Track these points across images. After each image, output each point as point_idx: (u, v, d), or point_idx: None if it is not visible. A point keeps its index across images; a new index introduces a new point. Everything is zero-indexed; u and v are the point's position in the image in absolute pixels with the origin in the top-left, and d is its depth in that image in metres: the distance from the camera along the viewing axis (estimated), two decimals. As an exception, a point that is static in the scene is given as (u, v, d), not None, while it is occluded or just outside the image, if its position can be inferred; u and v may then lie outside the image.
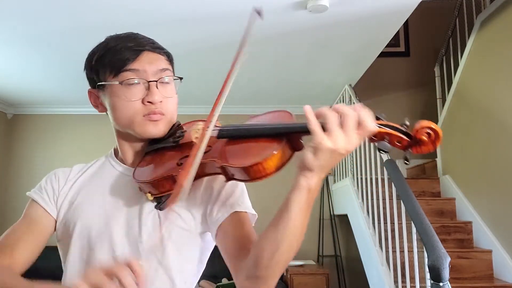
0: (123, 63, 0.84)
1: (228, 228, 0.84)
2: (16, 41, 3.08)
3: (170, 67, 0.91)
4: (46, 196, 0.94)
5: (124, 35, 0.90)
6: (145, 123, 0.86)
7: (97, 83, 0.90)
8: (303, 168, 0.66)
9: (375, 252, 3.01)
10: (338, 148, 0.63)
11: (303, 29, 2.91)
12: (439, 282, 1.69)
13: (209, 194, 0.89)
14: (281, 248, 0.70)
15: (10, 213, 4.72)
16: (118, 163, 0.96)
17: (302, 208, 0.68)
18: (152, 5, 2.53)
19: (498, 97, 3.14)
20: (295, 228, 0.69)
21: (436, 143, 0.66)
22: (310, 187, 0.67)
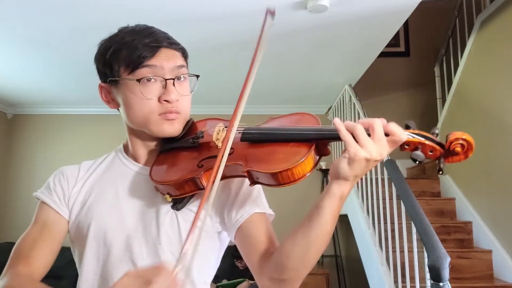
0: (141, 59, 0.82)
1: (249, 229, 0.83)
2: (16, 41, 3.08)
3: (185, 64, 0.89)
4: (57, 197, 0.90)
5: (140, 29, 0.87)
6: (161, 122, 0.84)
7: (109, 77, 0.86)
8: (337, 177, 0.68)
9: (375, 252, 3.00)
10: (372, 157, 0.65)
11: (303, 29, 2.91)
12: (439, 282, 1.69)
13: (227, 195, 0.87)
14: (310, 252, 0.72)
15: (10, 213, 4.73)
16: (130, 161, 0.93)
17: (333, 215, 0.70)
18: (152, 5, 2.53)
19: (498, 97, 3.14)
20: (325, 234, 0.71)
21: (468, 154, 0.68)
22: (343, 194, 0.69)
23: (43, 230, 0.88)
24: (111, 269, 0.84)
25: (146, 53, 0.82)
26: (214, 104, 4.34)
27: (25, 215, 4.74)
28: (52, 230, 0.88)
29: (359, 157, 0.64)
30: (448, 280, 1.71)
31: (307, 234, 0.71)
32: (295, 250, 0.72)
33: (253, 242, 0.82)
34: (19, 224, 4.72)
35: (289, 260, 0.72)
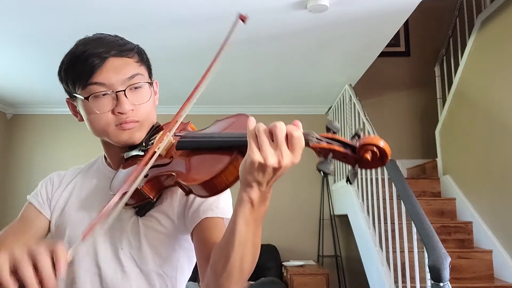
0: (88, 74, 0.82)
1: (199, 234, 0.83)
2: (16, 41, 3.08)
3: (141, 70, 0.88)
4: (40, 198, 0.96)
5: (91, 39, 0.88)
6: (119, 132, 0.85)
7: (70, 92, 0.90)
8: (241, 181, 0.65)
9: (375, 252, 3.00)
10: (268, 163, 0.60)
11: (303, 29, 2.91)
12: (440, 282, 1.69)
13: (186, 198, 0.88)
14: (231, 260, 0.68)
15: (9, 213, 4.72)
16: (105, 167, 0.97)
17: (248, 222, 0.66)
18: (151, 6, 2.53)
19: (498, 97, 3.14)
20: (243, 241, 0.67)
21: (384, 161, 0.60)
22: (252, 200, 0.64)
23: (22, 224, 0.93)
24: (77, 271, 0.87)
25: (93, 65, 0.82)
26: (214, 104, 4.34)
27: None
28: (32, 226, 0.93)
29: (253, 160, 0.60)
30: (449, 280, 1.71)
31: (226, 241, 0.69)
32: (219, 256, 0.71)
33: (201, 246, 0.82)
34: (19, 224, 4.73)
35: (216, 266, 0.71)
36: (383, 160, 0.59)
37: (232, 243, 0.67)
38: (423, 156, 4.68)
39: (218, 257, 0.71)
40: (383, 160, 0.60)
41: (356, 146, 0.60)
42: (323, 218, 4.65)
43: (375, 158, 0.59)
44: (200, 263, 0.81)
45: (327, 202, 4.68)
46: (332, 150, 0.60)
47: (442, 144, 4.06)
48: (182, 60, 3.44)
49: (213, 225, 0.83)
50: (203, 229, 0.83)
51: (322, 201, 4.70)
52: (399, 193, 2.45)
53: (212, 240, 0.80)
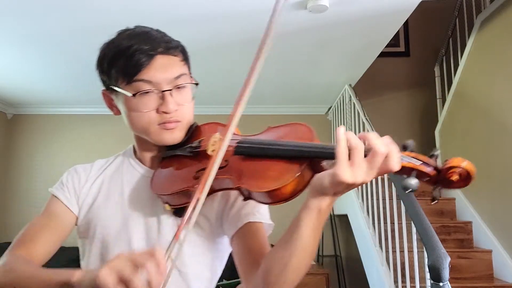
0: (136, 70, 0.81)
1: (241, 239, 0.82)
2: (16, 41, 3.08)
3: (185, 70, 0.87)
4: (68, 192, 0.92)
5: (136, 33, 0.85)
6: (161, 132, 0.84)
7: (109, 85, 0.87)
8: (316, 191, 0.64)
9: (375, 252, 3.00)
10: (356, 182, 0.60)
11: (303, 29, 2.91)
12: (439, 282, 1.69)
13: (226, 201, 0.87)
14: (289, 267, 0.68)
15: (10, 213, 4.73)
16: (137, 163, 0.94)
17: (312, 228, 0.66)
18: (152, 6, 2.53)
19: (498, 97, 3.14)
20: (305, 248, 0.67)
21: (468, 183, 0.62)
22: (321, 208, 0.65)
23: (49, 220, 0.89)
24: None
25: (141, 61, 0.80)
26: (215, 104, 4.34)
27: (25, 215, 4.75)
28: (58, 221, 0.89)
29: (343, 180, 0.59)
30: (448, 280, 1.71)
31: (285, 248, 0.68)
32: (275, 263, 0.70)
33: (243, 251, 0.81)
34: (18, 224, 4.72)
35: (269, 274, 0.70)
36: (467, 182, 0.62)
37: (293, 249, 0.67)
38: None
39: (273, 264, 0.70)
40: (467, 182, 0.62)
41: (440, 168, 0.62)
42: (323, 218, 4.65)
43: (461, 179, 0.61)
44: (245, 269, 0.80)
45: (327, 202, 4.68)
46: (416, 169, 0.61)
47: (442, 144, 4.06)
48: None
49: (256, 229, 0.83)
50: (246, 233, 0.82)
51: (322, 201, 4.70)
52: (399, 193, 2.45)
53: (256, 245, 0.80)
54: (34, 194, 4.71)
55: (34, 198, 4.71)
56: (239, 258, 0.82)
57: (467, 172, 0.61)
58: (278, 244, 0.71)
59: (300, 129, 0.78)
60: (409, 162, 0.62)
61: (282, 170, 0.69)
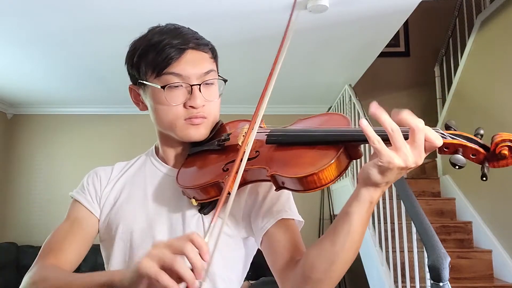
0: (166, 63, 0.81)
1: (275, 236, 0.80)
2: (16, 41, 3.08)
3: (214, 66, 0.87)
4: (89, 196, 0.91)
5: (167, 29, 0.86)
6: (187, 127, 0.84)
7: (138, 80, 0.87)
8: (367, 183, 0.63)
9: (375, 252, 3.00)
10: (408, 165, 0.59)
11: (303, 29, 2.91)
12: (439, 282, 1.69)
13: (254, 199, 0.85)
14: (338, 261, 0.67)
15: (10, 213, 4.73)
16: (160, 163, 0.93)
17: (363, 222, 0.66)
18: (151, 6, 2.53)
19: (498, 97, 3.14)
20: (355, 241, 0.66)
21: None
22: (373, 199, 0.64)
23: (74, 225, 0.88)
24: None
25: (172, 55, 0.81)
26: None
27: (25, 216, 4.76)
28: (82, 226, 0.88)
29: (393, 165, 0.58)
30: (448, 280, 1.71)
31: (334, 243, 0.67)
32: (321, 260, 0.68)
33: (278, 249, 0.79)
34: (19, 224, 4.73)
35: (314, 270, 0.68)
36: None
37: (342, 244, 0.66)
38: (423, 156, 4.67)
39: (317, 263, 0.68)
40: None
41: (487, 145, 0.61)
42: (323, 218, 4.66)
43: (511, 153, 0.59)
44: (281, 267, 0.77)
45: (327, 202, 4.68)
46: (462, 146, 0.61)
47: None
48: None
49: (290, 226, 0.81)
50: (281, 230, 0.80)
51: (322, 201, 4.70)
52: (399, 193, 2.45)
53: (292, 242, 0.78)
54: (34, 194, 4.71)
55: (34, 198, 4.71)
56: (273, 255, 0.80)
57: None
58: (323, 239, 0.70)
59: (334, 117, 0.76)
60: (455, 139, 0.61)
61: (318, 155, 0.67)
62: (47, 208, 4.64)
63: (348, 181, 3.98)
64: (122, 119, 4.82)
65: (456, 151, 0.61)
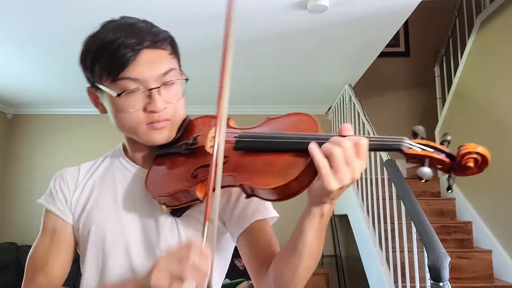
0: (120, 67, 0.75)
1: (249, 239, 0.81)
2: (16, 41, 3.08)
3: (174, 64, 0.82)
4: (60, 204, 0.89)
5: (121, 25, 0.80)
6: (150, 132, 0.79)
7: (93, 82, 0.82)
8: (315, 199, 0.66)
9: (375, 252, 3.00)
10: (344, 185, 0.61)
11: (303, 29, 2.91)
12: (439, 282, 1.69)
13: (227, 198, 0.84)
14: (299, 270, 0.71)
15: (10, 213, 4.73)
16: (129, 163, 0.90)
17: (316, 233, 0.68)
18: (151, 6, 2.53)
19: (498, 97, 3.14)
20: (312, 252, 0.70)
21: (482, 169, 0.60)
22: (323, 213, 0.67)
23: (53, 238, 0.87)
24: (109, 276, 0.82)
25: (127, 57, 0.75)
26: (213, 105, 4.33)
27: (25, 215, 4.76)
28: (62, 237, 0.87)
29: (332, 189, 0.60)
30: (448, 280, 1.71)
31: (294, 254, 0.70)
32: (285, 268, 0.72)
33: (253, 250, 0.81)
34: (19, 224, 4.72)
35: (282, 277, 0.73)
36: (481, 168, 0.60)
37: (301, 254, 0.69)
38: (423, 156, 4.67)
39: (283, 270, 0.72)
40: (482, 168, 0.60)
41: (454, 154, 0.61)
42: (323, 218, 4.65)
43: (476, 165, 0.60)
44: (255, 268, 0.80)
45: (327, 202, 4.68)
46: (428, 157, 0.61)
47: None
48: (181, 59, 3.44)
49: (263, 227, 0.82)
50: (254, 233, 0.81)
51: (322, 201, 4.70)
52: (399, 193, 2.45)
53: (265, 244, 0.80)
54: (34, 194, 4.71)
55: (34, 198, 4.70)
56: (248, 258, 0.81)
57: (482, 157, 0.59)
58: (285, 250, 0.73)
59: (303, 120, 0.74)
60: (422, 150, 0.61)
61: (287, 164, 0.66)
62: (47, 208, 4.64)
63: (348, 181, 3.97)
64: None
65: (422, 162, 0.61)
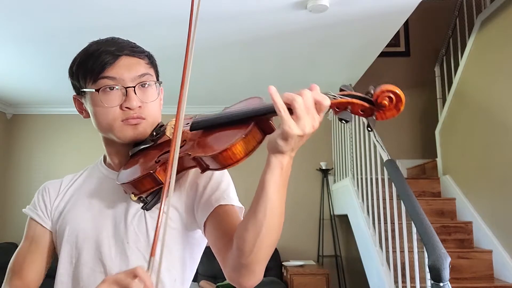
0: (101, 68, 0.84)
1: (214, 222, 0.83)
2: (16, 41, 3.08)
3: (151, 71, 0.90)
4: (40, 211, 0.96)
5: (104, 40, 0.90)
6: (124, 128, 0.86)
7: (80, 89, 0.90)
8: (274, 151, 0.68)
9: (375, 252, 3.00)
10: (306, 132, 0.64)
11: (303, 29, 2.91)
12: (439, 282, 1.69)
13: (195, 190, 0.89)
14: (262, 231, 0.70)
15: (9, 213, 4.72)
16: (106, 169, 0.97)
17: (278, 187, 0.69)
18: (151, 6, 2.53)
19: (498, 97, 3.14)
20: (274, 209, 0.70)
21: (399, 107, 0.65)
22: (282, 165, 0.68)
23: (32, 244, 0.94)
24: (82, 271, 0.87)
25: (106, 61, 0.84)
26: (215, 104, 4.34)
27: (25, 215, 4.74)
28: (39, 243, 0.94)
29: (293, 133, 0.63)
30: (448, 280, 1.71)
31: (256, 212, 0.70)
32: (248, 231, 0.71)
33: (217, 235, 0.82)
34: (18, 224, 4.72)
35: (245, 241, 0.72)
36: (398, 106, 0.65)
37: (263, 213, 0.70)
38: (423, 156, 4.67)
39: (245, 234, 0.72)
40: (398, 106, 0.65)
41: (371, 98, 0.66)
42: (323, 218, 4.65)
43: (391, 103, 0.65)
44: (221, 252, 0.81)
45: (327, 202, 4.68)
46: (350, 103, 0.66)
47: (442, 144, 4.05)
48: (181, 59, 3.43)
49: (228, 212, 0.84)
50: (219, 217, 0.83)
51: (322, 201, 4.70)
52: (399, 193, 2.45)
53: (229, 225, 0.81)
54: (34, 194, 4.71)
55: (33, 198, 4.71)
56: (214, 242, 0.83)
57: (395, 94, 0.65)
58: (248, 212, 0.73)
59: (250, 100, 0.80)
60: (342, 99, 0.66)
61: (231, 133, 0.73)
62: (47, 208, 4.64)
63: (348, 181, 3.98)
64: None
65: (346, 109, 0.66)
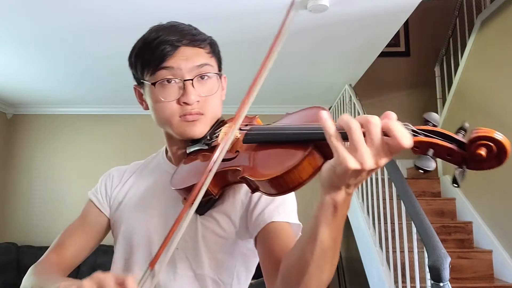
0: (158, 60, 0.80)
1: (264, 239, 0.77)
2: (16, 41, 3.07)
3: (211, 61, 0.85)
4: (100, 195, 0.95)
5: (164, 26, 0.84)
6: (182, 124, 0.82)
7: (139, 79, 0.87)
8: (326, 186, 0.57)
9: (375, 252, 3.00)
10: (365, 168, 0.51)
11: (303, 29, 2.91)
12: (439, 282, 1.69)
13: (249, 199, 0.83)
14: (309, 272, 0.62)
15: (9, 213, 4.72)
16: (165, 161, 0.94)
17: (330, 228, 0.59)
18: (151, 5, 2.53)
19: (498, 97, 3.14)
20: (325, 250, 0.60)
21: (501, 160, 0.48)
22: (337, 204, 0.57)
23: (83, 223, 0.93)
24: (132, 269, 0.86)
25: (164, 52, 0.79)
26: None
27: (25, 216, 4.76)
28: (90, 224, 0.92)
29: (348, 167, 0.51)
30: (449, 280, 1.71)
31: (304, 250, 0.62)
32: (293, 268, 0.64)
33: (266, 253, 0.76)
34: (19, 224, 4.72)
35: (290, 279, 0.65)
36: (500, 158, 0.48)
37: (311, 252, 0.60)
38: (423, 156, 4.67)
39: (292, 268, 0.64)
40: (501, 158, 0.48)
41: (464, 141, 0.50)
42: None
43: (491, 155, 0.48)
44: (268, 272, 0.74)
45: (327, 202, 4.67)
46: (433, 144, 0.50)
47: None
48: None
49: (280, 229, 0.77)
50: (270, 234, 0.76)
51: (322, 201, 4.69)
52: (399, 193, 2.45)
53: (280, 246, 0.74)
54: (34, 194, 4.71)
55: (34, 198, 4.71)
56: (262, 260, 0.78)
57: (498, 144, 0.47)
58: (295, 245, 0.67)
59: (312, 112, 0.69)
60: (425, 137, 0.51)
61: (286, 156, 0.62)
62: (47, 208, 4.64)
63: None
64: (122, 119, 4.81)
65: (426, 151, 0.50)
